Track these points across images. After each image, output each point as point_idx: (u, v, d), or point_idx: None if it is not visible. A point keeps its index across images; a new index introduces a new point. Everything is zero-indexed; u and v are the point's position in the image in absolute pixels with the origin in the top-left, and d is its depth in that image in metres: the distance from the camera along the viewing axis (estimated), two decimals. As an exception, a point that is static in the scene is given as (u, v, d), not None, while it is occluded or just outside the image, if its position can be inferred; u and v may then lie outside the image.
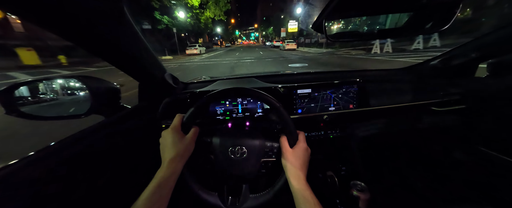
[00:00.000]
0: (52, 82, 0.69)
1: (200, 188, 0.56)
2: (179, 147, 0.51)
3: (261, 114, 0.90)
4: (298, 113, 0.92)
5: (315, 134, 0.98)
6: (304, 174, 0.52)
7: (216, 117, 0.90)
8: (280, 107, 0.55)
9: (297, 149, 0.55)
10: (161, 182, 0.45)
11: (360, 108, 0.94)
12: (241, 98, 0.89)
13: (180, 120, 0.55)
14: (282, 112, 0.55)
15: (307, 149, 0.56)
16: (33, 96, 0.63)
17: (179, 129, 0.53)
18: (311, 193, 0.48)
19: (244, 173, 0.59)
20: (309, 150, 0.57)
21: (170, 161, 0.49)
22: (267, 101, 0.56)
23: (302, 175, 0.51)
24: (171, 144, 0.51)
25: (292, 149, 0.55)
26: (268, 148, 0.60)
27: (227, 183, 0.60)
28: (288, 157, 0.54)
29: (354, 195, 0.79)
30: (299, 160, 0.53)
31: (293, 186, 0.49)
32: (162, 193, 0.44)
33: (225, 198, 0.57)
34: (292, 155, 0.54)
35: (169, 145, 0.51)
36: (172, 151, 0.50)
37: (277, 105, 0.55)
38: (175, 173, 0.48)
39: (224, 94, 0.56)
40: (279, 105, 0.55)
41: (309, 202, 0.45)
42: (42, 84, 0.68)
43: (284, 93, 0.88)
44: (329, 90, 0.92)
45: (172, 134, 0.52)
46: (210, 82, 1.01)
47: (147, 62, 0.65)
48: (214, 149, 0.59)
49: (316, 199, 0.47)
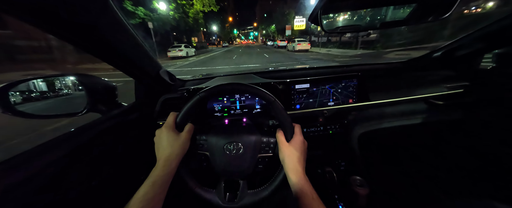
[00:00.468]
0: (48, 80, 0.69)
1: (197, 186, 0.56)
2: (174, 145, 0.51)
3: (260, 111, 0.89)
4: (297, 108, 0.91)
5: (314, 130, 0.97)
6: (302, 167, 0.52)
7: (214, 113, 0.89)
8: (274, 100, 0.54)
9: (294, 142, 0.54)
10: (156, 181, 0.45)
11: (360, 103, 0.93)
12: (239, 95, 0.88)
13: (174, 118, 0.55)
14: (277, 105, 0.54)
15: (303, 141, 0.56)
16: (29, 94, 0.63)
17: (173, 127, 0.53)
18: (310, 186, 0.47)
19: (240, 169, 0.59)
20: (306, 142, 0.56)
21: (164, 160, 0.48)
22: (262, 96, 0.55)
23: (300, 168, 0.51)
24: (166, 143, 0.51)
25: (289, 143, 0.55)
26: (265, 143, 0.60)
27: (224, 180, 0.60)
28: (285, 150, 0.53)
29: (354, 190, 0.79)
30: (296, 153, 0.52)
31: (291, 179, 0.49)
32: (156, 192, 0.44)
33: (223, 194, 0.57)
34: (289, 149, 0.53)
35: (164, 143, 0.51)
36: (167, 150, 0.50)
37: (271, 99, 0.54)
38: (170, 172, 0.48)
39: (218, 91, 0.55)
40: (274, 99, 0.54)
41: (307, 196, 0.45)
42: (38, 83, 0.68)
43: (282, 89, 0.87)
44: (328, 85, 0.91)
45: (166, 133, 0.52)
46: (208, 79, 1.00)
47: (140, 59, 0.65)
48: (209, 146, 0.59)
49: (314, 193, 0.46)
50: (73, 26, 0.42)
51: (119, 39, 0.53)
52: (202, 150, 0.58)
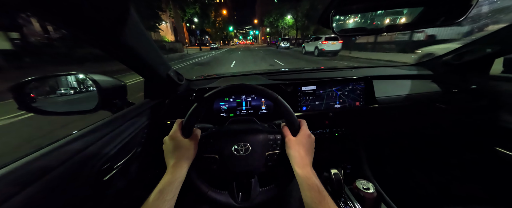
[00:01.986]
0: (62, 78, 0.71)
1: (209, 189, 0.57)
2: (181, 151, 0.51)
3: (265, 111, 0.89)
4: (303, 110, 0.91)
5: (320, 132, 0.97)
6: (310, 161, 0.51)
7: (220, 113, 0.90)
8: (277, 97, 0.54)
9: (300, 136, 0.54)
10: (164, 187, 0.45)
11: (367, 106, 0.92)
12: (245, 96, 0.88)
13: (179, 125, 0.55)
14: (281, 101, 0.55)
15: (310, 135, 0.55)
16: (43, 92, 0.65)
17: (179, 134, 0.54)
18: (317, 179, 0.47)
19: (250, 169, 0.59)
20: (312, 136, 0.56)
21: (173, 166, 0.49)
22: (265, 95, 0.55)
23: (307, 162, 0.50)
24: (173, 150, 0.51)
25: (295, 138, 0.54)
26: (272, 141, 0.60)
27: (236, 180, 0.60)
28: (292, 145, 0.53)
29: (360, 193, 0.78)
30: (303, 148, 0.52)
31: (298, 174, 0.48)
32: (165, 198, 0.44)
33: (236, 195, 0.58)
34: (296, 143, 0.53)
35: (171, 150, 0.51)
36: (174, 157, 0.50)
37: (274, 95, 0.54)
38: (179, 178, 0.48)
39: (221, 94, 0.56)
40: (276, 95, 0.55)
41: (314, 190, 0.44)
42: (52, 81, 0.70)
43: (289, 90, 0.87)
44: (334, 88, 0.90)
45: (173, 140, 0.52)
46: (215, 79, 1.01)
47: (151, 59, 0.66)
48: (217, 149, 0.59)
49: (321, 186, 0.45)
50: (93, 26, 0.43)
51: (135, 40, 0.54)
52: (211, 153, 0.59)
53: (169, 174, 0.48)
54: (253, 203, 0.56)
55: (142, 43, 0.57)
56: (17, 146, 2.36)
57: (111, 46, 0.52)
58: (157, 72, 0.72)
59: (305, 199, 0.45)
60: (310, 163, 0.51)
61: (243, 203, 0.56)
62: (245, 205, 0.56)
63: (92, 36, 0.46)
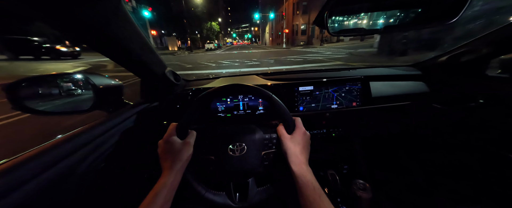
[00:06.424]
0: (57, 78, 0.70)
1: (206, 190, 0.57)
2: (177, 154, 0.51)
3: (262, 112, 0.89)
4: (300, 110, 0.91)
5: (317, 132, 0.97)
6: (305, 158, 0.51)
7: (218, 114, 0.90)
8: (271, 96, 0.54)
9: (295, 134, 0.54)
10: (159, 190, 0.45)
11: (364, 106, 0.92)
12: (242, 96, 0.88)
13: (174, 128, 0.55)
14: (275, 100, 0.54)
15: (305, 133, 0.55)
16: (37, 91, 0.65)
17: (174, 137, 0.53)
18: (312, 177, 0.46)
19: (247, 169, 0.59)
20: (307, 133, 0.56)
21: (168, 169, 0.49)
22: (258, 94, 0.55)
23: (303, 160, 0.50)
24: (168, 152, 0.51)
25: (290, 136, 0.54)
26: (267, 140, 0.60)
27: (233, 181, 0.60)
28: (287, 143, 0.53)
29: (356, 194, 0.78)
30: (299, 145, 0.52)
31: (294, 171, 0.48)
32: (161, 201, 0.44)
33: (233, 195, 0.57)
34: (291, 141, 0.53)
35: (167, 153, 0.51)
36: (170, 159, 0.50)
37: (268, 94, 0.54)
38: (174, 181, 0.48)
39: (215, 94, 0.56)
40: (270, 94, 0.54)
41: (309, 187, 0.44)
42: (47, 80, 0.69)
43: (285, 91, 0.87)
44: (331, 89, 0.91)
45: (168, 143, 0.52)
46: (212, 80, 1.01)
47: (147, 58, 0.65)
48: (213, 150, 0.59)
49: (317, 184, 0.45)
50: (85, 25, 0.42)
51: (129, 39, 0.54)
52: (207, 154, 0.59)
53: (164, 176, 0.48)
54: (250, 203, 0.56)
55: (136, 42, 0.57)
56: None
57: (103, 45, 0.52)
58: (153, 71, 0.72)
59: (299, 196, 0.45)
60: (306, 160, 0.51)
61: (241, 203, 0.56)
62: (243, 205, 0.56)
63: (84, 35, 0.46)
